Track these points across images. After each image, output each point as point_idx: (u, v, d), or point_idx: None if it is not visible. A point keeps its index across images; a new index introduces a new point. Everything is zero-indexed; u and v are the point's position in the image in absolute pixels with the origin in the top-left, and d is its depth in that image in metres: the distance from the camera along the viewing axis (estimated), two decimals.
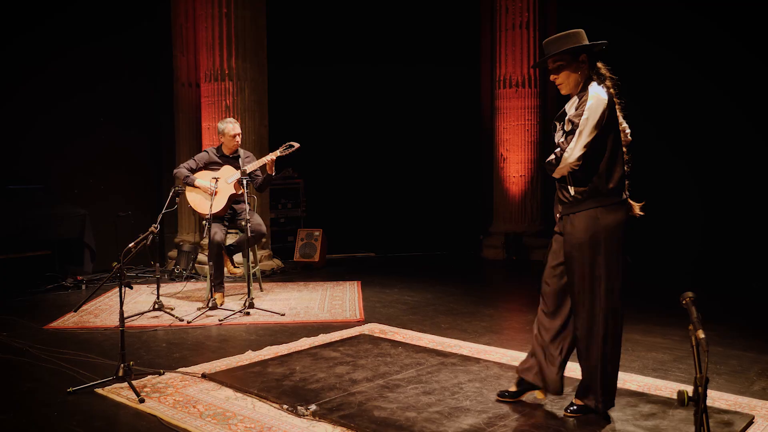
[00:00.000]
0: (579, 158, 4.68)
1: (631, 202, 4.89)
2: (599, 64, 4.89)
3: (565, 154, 4.71)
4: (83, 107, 11.46)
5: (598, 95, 4.70)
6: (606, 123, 4.69)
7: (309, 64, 13.69)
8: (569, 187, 4.83)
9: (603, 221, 4.73)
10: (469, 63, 14.60)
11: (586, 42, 4.84)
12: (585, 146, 4.66)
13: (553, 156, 4.82)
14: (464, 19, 14.61)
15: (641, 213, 4.91)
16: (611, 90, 4.80)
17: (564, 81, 4.89)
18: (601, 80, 4.81)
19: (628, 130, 5.02)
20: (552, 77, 4.95)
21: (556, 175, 4.86)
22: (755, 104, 11.53)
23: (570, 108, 4.86)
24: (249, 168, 8.53)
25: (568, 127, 4.77)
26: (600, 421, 4.76)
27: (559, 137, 4.88)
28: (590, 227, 4.75)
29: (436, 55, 14.23)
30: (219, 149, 8.97)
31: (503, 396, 5.23)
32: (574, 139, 4.68)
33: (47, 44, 11.04)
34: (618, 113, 4.86)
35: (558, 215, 5.02)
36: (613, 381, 4.87)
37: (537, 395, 5.15)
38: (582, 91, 4.82)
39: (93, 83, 11.54)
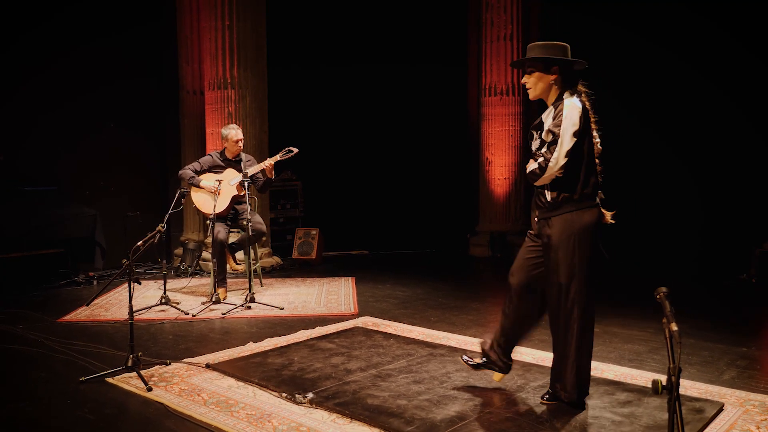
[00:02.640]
0: (563, 167, 4.67)
1: (603, 210, 4.89)
2: (580, 86, 4.89)
3: (550, 164, 4.67)
4: (92, 111, 11.43)
5: (572, 103, 4.73)
6: (582, 130, 4.71)
7: (304, 67, 13.67)
8: (546, 192, 4.83)
9: (577, 224, 4.74)
10: (459, 70, 14.62)
11: (567, 57, 4.85)
12: (566, 154, 4.65)
13: (536, 166, 4.77)
14: (454, 27, 14.63)
15: (612, 221, 4.91)
16: (587, 104, 4.82)
17: (532, 86, 4.91)
18: (575, 94, 4.83)
19: (597, 140, 5.03)
20: (523, 80, 4.98)
21: (539, 183, 4.83)
22: (755, 104, 11.51)
23: (547, 118, 4.84)
24: (250, 171, 8.57)
25: (548, 138, 4.74)
26: (576, 408, 4.78)
27: (536, 146, 4.87)
28: (566, 230, 4.76)
29: (428, 62, 14.23)
30: (222, 153, 8.99)
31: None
32: (557, 148, 4.66)
33: (54, 49, 10.99)
34: (592, 125, 4.88)
35: (535, 219, 5.02)
36: (587, 373, 4.89)
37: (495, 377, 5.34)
38: (557, 101, 4.83)
39: (102, 88, 11.49)
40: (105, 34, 11.58)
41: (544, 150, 4.76)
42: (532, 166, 4.83)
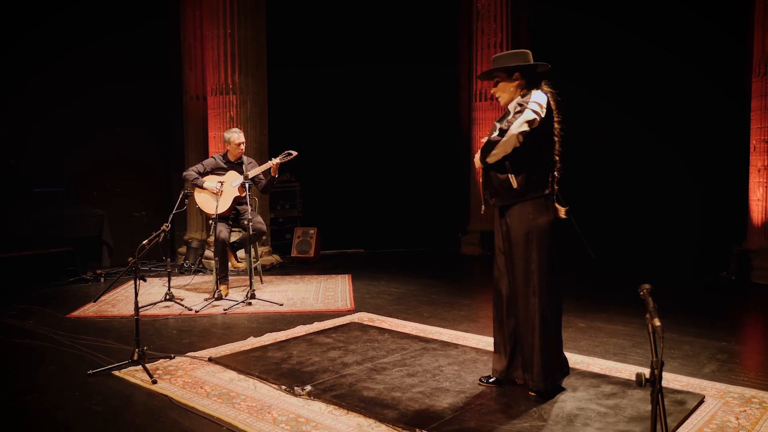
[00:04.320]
0: (521, 135, 4.66)
1: (556, 205, 4.93)
2: (544, 85, 4.94)
3: (512, 126, 4.67)
4: (99, 114, 11.39)
5: (539, 92, 4.80)
6: (547, 116, 4.77)
7: (301, 70, 13.62)
8: (510, 176, 4.82)
9: (536, 220, 4.83)
10: (451, 74, 14.61)
11: (529, 62, 4.92)
12: (529, 124, 4.67)
13: (495, 134, 4.78)
14: (447, 33, 14.60)
15: (565, 216, 4.94)
16: (551, 101, 4.86)
17: (500, 94, 5.00)
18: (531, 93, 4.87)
19: (556, 139, 5.07)
20: (492, 90, 5.07)
21: (495, 154, 4.77)
22: (734, 107, 11.42)
23: (512, 108, 4.87)
24: (251, 173, 8.58)
25: (514, 110, 4.81)
26: (567, 398, 4.78)
27: (495, 135, 4.84)
28: (525, 225, 4.86)
29: (421, 66, 14.20)
30: (225, 156, 8.99)
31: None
32: (521, 116, 4.70)
33: (59, 51, 10.94)
34: (554, 123, 4.91)
35: (497, 209, 5.07)
36: (555, 362, 4.95)
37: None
38: (522, 97, 4.88)
39: (108, 93, 11.46)
40: (111, 39, 11.52)
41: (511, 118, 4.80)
42: (490, 136, 4.83)
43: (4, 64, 10.44)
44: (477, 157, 4.92)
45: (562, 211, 4.94)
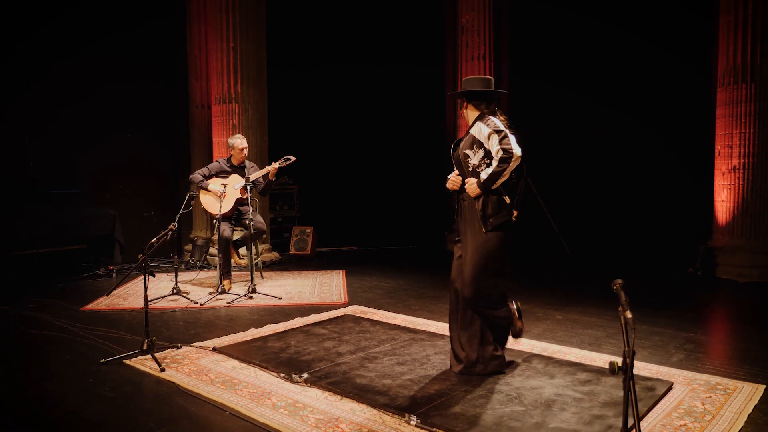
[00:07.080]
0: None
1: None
2: (498, 113, 5.14)
3: (515, 149, 4.83)
4: (111, 122, 11.34)
5: (480, 124, 5.04)
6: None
7: (295, 69, 13.59)
8: (505, 197, 4.99)
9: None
10: (438, 80, 14.57)
11: (489, 88, 5.16)
12: (506, 140, 4.86)
13: (501, 154, 4.84)
14: (435, 43, 14.58)
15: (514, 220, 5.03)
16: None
17: (465, 114, 5.31)
18: (492, 114, 5.09)
19: None
20: (459, 111, 5.24)
21: (511, 166, 4.86)
22: (704, 110, 11.28)
23: (479, 135, 5.05)
24: (253, 176, 8.58)
25: (475, 150, 5.05)
26: (545, 385, 4.79)
27: (479, 157, 5.03)
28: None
29: (412, 70, 14.21)
30: (228, 160, 9.00)
31: None
32: (498, 139, 4.87)
33: (75, 63, 10.93)
34: None
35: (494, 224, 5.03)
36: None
37: None
38: (475, 122, 5.13)
39: (120, 103, 11.44)
40: (117, 42, 11.43)
41: (481, 160, 5.02)
42: (496, 162, 4.89)
43: (18, 66, 10.41)
44: (472, 187, 5.04)
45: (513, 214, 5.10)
